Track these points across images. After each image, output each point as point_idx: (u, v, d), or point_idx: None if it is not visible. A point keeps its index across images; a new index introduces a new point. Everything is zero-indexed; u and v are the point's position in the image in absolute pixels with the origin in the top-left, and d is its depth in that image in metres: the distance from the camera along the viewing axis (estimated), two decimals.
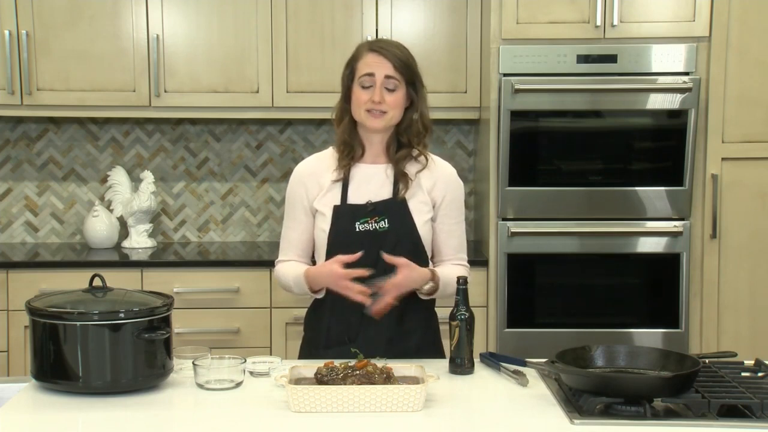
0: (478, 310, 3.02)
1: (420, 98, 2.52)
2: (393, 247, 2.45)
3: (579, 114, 3.76)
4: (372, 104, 2.45)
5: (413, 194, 2.51)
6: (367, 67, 2.47)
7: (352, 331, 2.48)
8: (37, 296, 2.31)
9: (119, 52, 3.94)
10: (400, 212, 2.49)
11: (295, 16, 3.96)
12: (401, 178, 2.51)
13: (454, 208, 2.57)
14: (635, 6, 3.70)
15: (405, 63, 2.49)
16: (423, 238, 2.50)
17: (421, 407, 2.04)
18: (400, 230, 2.48)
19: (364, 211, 2.48)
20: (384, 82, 2.46)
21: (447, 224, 2.56)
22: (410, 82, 2.50)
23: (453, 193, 2.57)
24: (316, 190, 2.54)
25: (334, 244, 2.49)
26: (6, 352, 3.75)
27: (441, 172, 2.57)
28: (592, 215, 3.77)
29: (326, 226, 2.50)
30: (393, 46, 2.52)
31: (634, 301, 3.86)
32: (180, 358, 2.31)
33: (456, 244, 2.58)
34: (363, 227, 2.47)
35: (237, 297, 3.80)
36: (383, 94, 2.45)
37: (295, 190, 2.58)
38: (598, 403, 2.03)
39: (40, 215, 4.33)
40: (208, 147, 4.35)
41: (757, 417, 1.98)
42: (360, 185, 2.52)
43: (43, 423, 2.03)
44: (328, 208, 2.51)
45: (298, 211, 2.57)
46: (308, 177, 2.56)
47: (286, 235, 2.61)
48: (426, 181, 2.53)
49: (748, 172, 3.76)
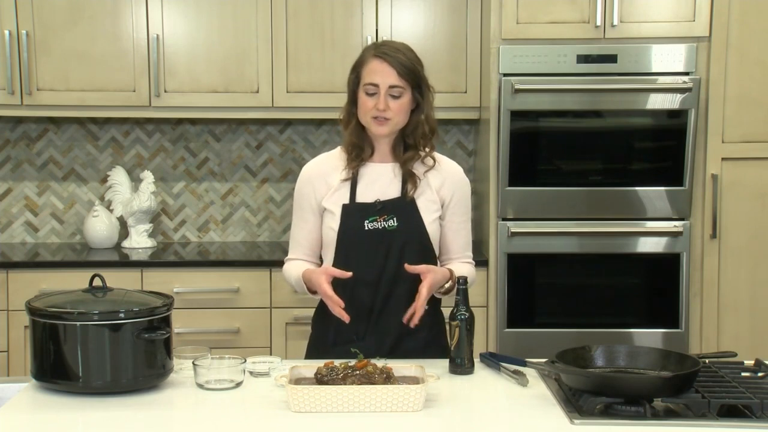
0: (478, 310, 3.02)
1: (426, 101, 2.52)
2: (402, 246, 2.47)
3: (579, 114, 3.76)
4: (377, 111, 2.45)
5: (421, 193, 2.52)
6: (372, 76, 2.46)
7: (360, 329, 2.49)
8: (37, 296, 2.31)
9: (119, 52, 3.94)
10: (409, 211, 2.50)
11: (295, 16, 3.96)
12: (409, 178, 2.52)
13: (461, 206, 2.59)
14: (635, 6, 3.70)
15: (410, 69, 2.48)
16: (431, 236, 2.52)
17: (421, 407, 2.04)
18: (408, 229, 2.49)
19: (373, 209, 2.49)
20: (388, 90, 2.46)
21: (455, 222, 2.58)
22: (416, 86, 2.49)
23: (461, 192, 2.59)
24: (324, 189, 2.55)
25: (343, 242, 2.50)
26: (6, 352, 3.75)
27: (449, 171, 2.59)
28: (592, 215, 3.77)
29: (335, 224, 2.51)
30: (398, 51, 2.49)
31: (634, 301, 3.86)
32: (180, 358, 2.31)
33: (463, 242, 2.61)
34: (372, 226, 2.48)
35: (237, 297, 3.80)
36: (387, 101, 2.45)
37: (302, 190, 2.59)
38: (598, 403, 2.03)
39: (40, 215, 4.33)
40: (208, 147, 4.35)
41: (757, 417, 1.98)
42: (368, 184, 2.53)
43: (43, 423, 2.03)
44: (337, 207, 2.51)
45: (306, 211, 2.58)
46: (316, 177, 2.57)
47: (294, 235, 2.63)
48: (434, 180, 2.54)
49: (748, 172, 3.76)
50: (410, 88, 2.48)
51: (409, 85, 2.47)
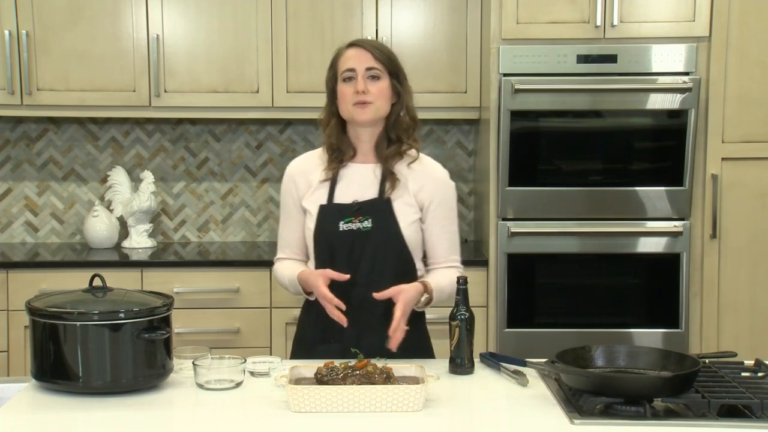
0: (478, 310, 3.02)
1: (405, 91, 2.53)
2: (376, 248, 2.46)
3: (579, 114, 3.76)
4: (357, 96, 2.45)
5: (399, 195, 2.50)
6: (348, 62, 2.49)
7: (337, 329, 2.44)
8: (37, 296, 2.31)
9: (119, 52, 3.94)
10: (385, 213, 2.48)
11: (295, 16, 3.96)
12: (389, 176, 2.50)
13: (443, 210, 2.54)
14: (635, 6, 3.70)
15: (385, 54, 2.51)
16: (408, 238, 2.49)
17: (421, 407, 2.04)
18: (383, 231, 2.47)
19: (350, 210, 2.48)
20: (366, 72, 2.47)
21: (437, 226, 2.54)
22: (393, 74, 2.50)
23: (442, 196, 2.54)
24: (305, 187, 2.55)
25: (319, 243, 2.50)
26: (6, 352, 3.75)
27: (430, 174, 2.55)
28: (592, 215, 3.77)
29: (312, 224, 2.51)
30: (372, 42, 2.56)
31: (634, 301, 3.86)
32: (180, 358, 2.31)
33: (447, 246, 2.56)
34: (347, 227, 2.47)
35: (237, 297, 3.80)
36: (366, 83, 2.46)
37: (287, 188, 2.60)
38: (598, 403, 2.03)
39: (40, 215, 4.33)
40: (208, 147, 4.35)
41: (757, 417, 1.98)
42: (348, 185, 2.52)
43: (43, 423, 2.03)
44: (315, 207, 2.51)
45: (291, 208, 2.58)
46: (299, 175, 2.58)
47: (281, 233, 2.64)
48: (413, 184, 2.52)
49: (748, 172, 3.76)
50: (388, 74, 2.49)
51: (386, 69, 2.49)
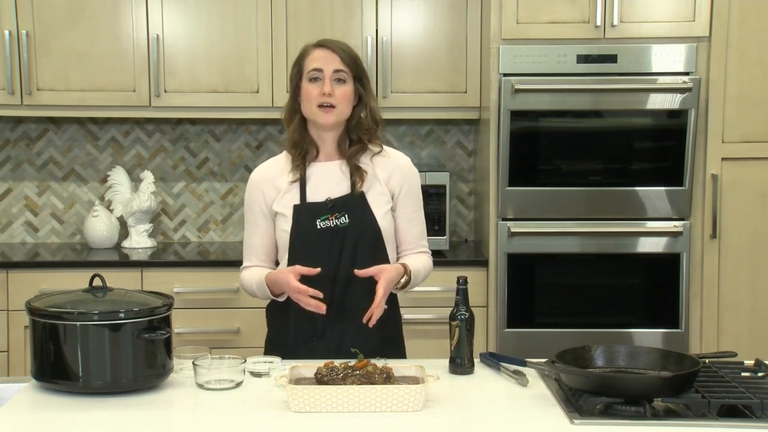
0: (478, 310, 3.02)
1: (368, 93, 2.55)
2: (354, 243, 2.47)
3: (579, 114, 3.76)
4: (322, 98, 2.46)
5: (370, 186, 2.52)
6: (316, 62, 2.49)
7: (319, 328, 2.48)
8: (37, 296, 2.31)
9: (119, 52, 3.94)
10: (360, 206, 2.50)
11: (295, 16, 3.96)
12: (356, 171, 2.52)
13: (412, 196, 2.58)
14: (635, 6, 3.70)
15: (353, 57, 2.52)
16: (384, 229, 2.51)
17: (421, 407, 2.04)
18: (360, 224, 2.49)
19: (324, 208, 2.49)
20: (333, 74, 2.47)
21: (407, 213, 2.58)
22: (357, 78, 2.52)
23: (409, 182, 2.58)
24: (274, 193, 2.55)
25: (296, 242, 2.50)
26: (6, 352, 3.75)
27: (396, 162, 2.59)
28: (592, 215, 3.77)
29: (287, 226, 2.51)
30: (339, 43, 2.56)
31: (634, 301, 3.86)
32: (180, 358, 2.31)
33: (417, 232, 2.60)
34: (324, 224, 2.48)
35: (237, 297, 3.80)
36: (333, 86, 2.46)
37: (252, 196, 2.59)
38: (598, 403, 2.03)
39: (40, 215, 4.33)
40: (208, 147, 4.35)
41: (757, 417, 1.98)
42: (318, 184, 2.53)
43: (43, 423, 2.03)
44: (288, 209, 2.51)
45: (257, 216, 2.57)
46: (265, 182, 2.57)
47: (247, 242, 2.63)
48: (382, 173, 2.54)
49: (748, 172, 3.76)
50: (352, 79, 2.50)
51: (352, 74, 2.50)
